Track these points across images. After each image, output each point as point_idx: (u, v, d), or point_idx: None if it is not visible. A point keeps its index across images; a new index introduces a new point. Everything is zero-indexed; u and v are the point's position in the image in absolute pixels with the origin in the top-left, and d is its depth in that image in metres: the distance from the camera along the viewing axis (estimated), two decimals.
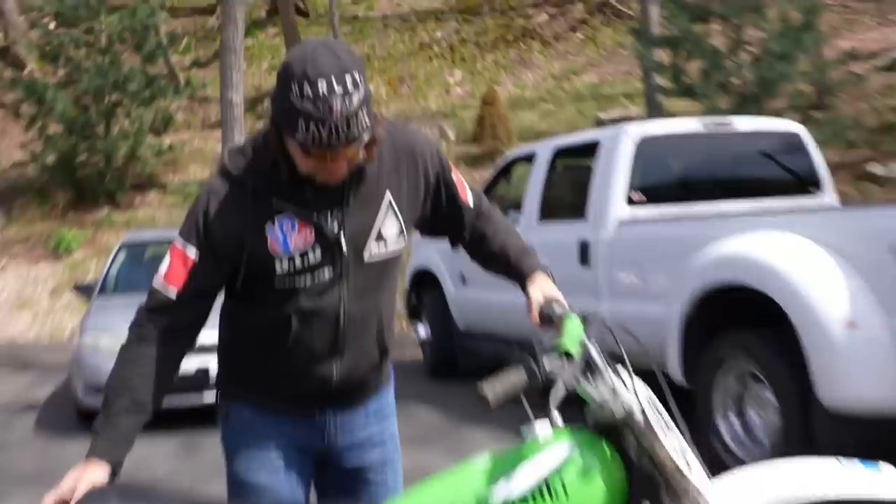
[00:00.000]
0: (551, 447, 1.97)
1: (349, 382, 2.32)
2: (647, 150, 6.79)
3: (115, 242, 9.58)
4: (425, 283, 9.11)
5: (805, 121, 10.68)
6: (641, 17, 14.83)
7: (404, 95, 18.77)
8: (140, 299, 7.32)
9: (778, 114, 10.33)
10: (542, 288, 2.30)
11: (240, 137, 16.00)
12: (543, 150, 7.80)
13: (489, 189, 8.43)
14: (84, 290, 8.93)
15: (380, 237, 2.25)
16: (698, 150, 7.27)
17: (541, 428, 1.99)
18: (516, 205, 7.94)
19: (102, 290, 8.62)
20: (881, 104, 13.32)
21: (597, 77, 18.73)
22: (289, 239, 2.14)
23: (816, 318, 4.75)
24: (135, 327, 2.15)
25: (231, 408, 2.35)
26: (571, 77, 18.72)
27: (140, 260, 9.30)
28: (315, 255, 2.16)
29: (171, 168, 17.24)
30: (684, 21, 12.11)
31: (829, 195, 7.33)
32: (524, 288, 2.34)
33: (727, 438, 5.38)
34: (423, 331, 9.14)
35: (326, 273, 2.19)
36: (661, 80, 13.25)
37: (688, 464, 1.97)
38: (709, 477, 2.01)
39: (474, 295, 8.20)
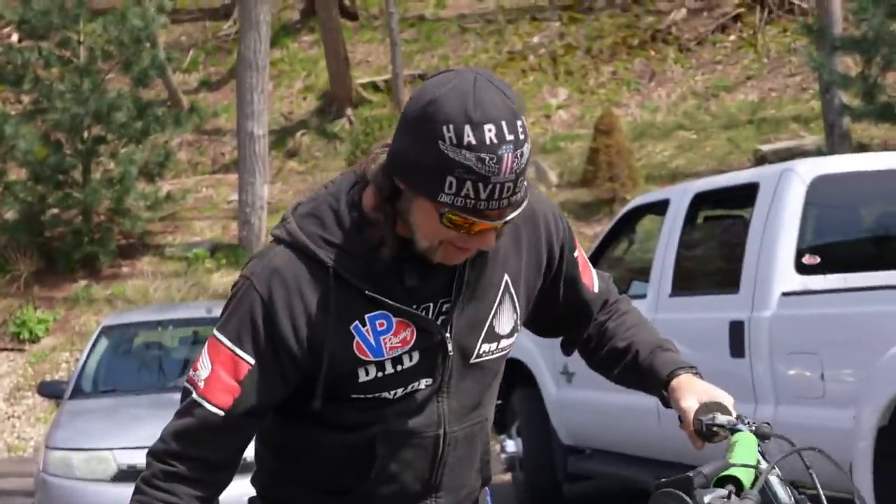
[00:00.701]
0: None
1: None
2: (825, 195, 6.85)
3: (95, 326, 9.73)
4: (516, 379, 9.02)
5: None
6: (819, 12, 14.92)
7: None
8: (124, 404, 7.55)
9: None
10: (697, 392, 2.26)
11: (263, 182, 16.38)
12: (680, 198, 7.82)
13: (601, 250, 8.49)
14: (52, 391, 9.13)
15: (492, 334, 2.25)
16: None
17: None
18: (642, 271, 8.00)
19: (77, 390, 8.72)
20: None
21: (757, 95, 18.83)
22: (382, 343, 2.11)
23: None
24: (161, 459, 2.09)
25: None
26: (721, 95, 18.79)
27: (128, 349, 9.48)
28: (411, 359, 2.14)
29: (169, 225, 17.52)
30: (880, 16, 12.10)
31: None
32: (667, 394, 2.32)
33: None
34: (512, 445, 9.14)
35: (424, 383, 2.18)
36: (846, 98, 13.30)
37: None
38: None
39: (584, 396, 8.19)
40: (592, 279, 2.45)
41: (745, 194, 7.14)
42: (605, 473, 8.25)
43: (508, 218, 1.96)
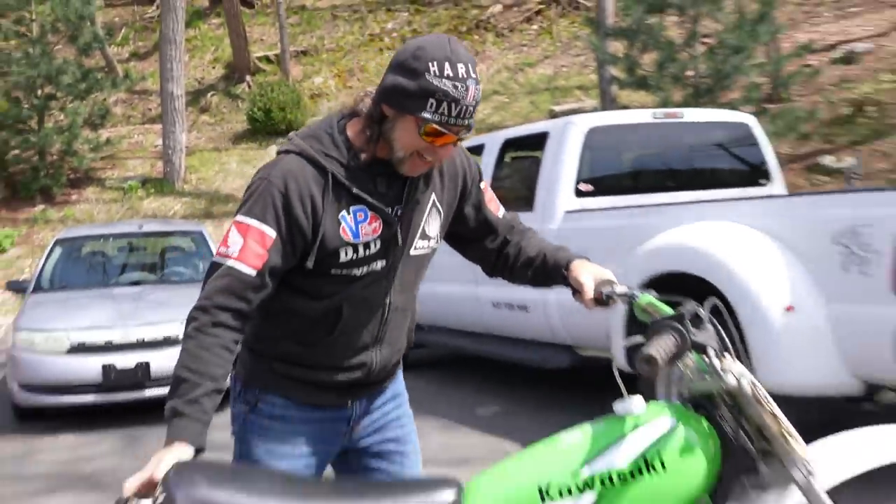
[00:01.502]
0: (652, 422, 2.05)
1: (384, 369, 2.46)
2: (595, 140, 6.96)
3: (51, 239, 9.51)
4: None
5: (758, 113, 11.02)
6: (597, 9, 15.07)
7: (354, 87, 18.91)
8: (74, 297, 7.60)
9: (732, 106, 10.60)
10: (590, 271, 2.40)
11: (181, 131, 16.19)
12: (492, 142, 7.88)
13: None
14: (18, 287, 8.97)
15: (424, 234, 2.38)
16: (648, 140, 7.45)
17: (635, 404, 2.07)
18: None
19: (37, 287, 8.59)
20: (836, 97, 13.74)
21: (552, 69, 18.96)
22: (360, 228, 2.24)
23: (756, 304, 4.99)
24: (208, 311, 2.14)
25: (260, 397, 2.38)
26: (526, 69, 19.00)
27: (76, 256, 9.29)
28: (375, 246, 2.27)
29: (108, 163, 17.15)
30: (639, 12, 12.36)
31: (778, 186, 7.55)
32: (567, 276, 2.42)
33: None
34: None
35: (380, 264, 2.30)
36: (615, 72, 13.54)
37: (790, 432, 2.02)
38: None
39: (423, 287, 8.22)
40: (498, 208, 2.57)
41: (540, 140, 7.25)
42: (437, 343, 8.34)
43: (462, 136, 2.15)
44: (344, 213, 2.23)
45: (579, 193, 6.81)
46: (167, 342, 7.41)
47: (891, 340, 4.71)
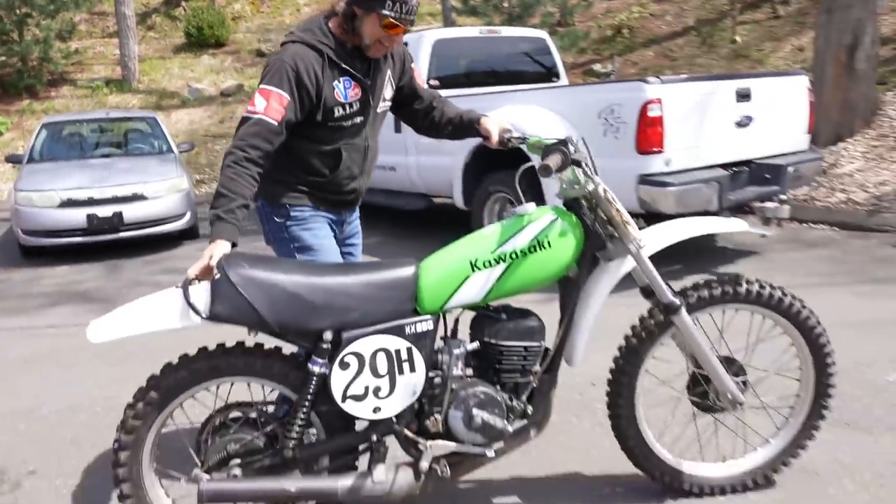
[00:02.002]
0: (541, 217, 2.17)
1: (362, 193, 2.63)
2: (440, 49, 6.91)
3: (38, 124, 8.96)
4: None
5: (551, 33, 11.06)
6: None
7: (265, 12, 17.85)
8: (60, 165, 7.40)
9: (534, 26, 10.65)
10: (495, 124, 2.59)
11: (134, 43, 15.11)
12: None
13: None
14: (15, 160, 8.43)
15: (384, 98, 2.53)
16: (476, 49, 7.40)
17: (530, 207, 2.20)
18: None
19: (30, 159, 8.07)
20: (603, 23, 13.87)
21: None
22: (347, 92, 2.38)
23: None
24: (243, 150, 2.21)
25: (291, 209, 2.48)
26: None
27: (59, 136, 8.68)
28: (356, 106, 2.42)
29: (78, 68, 15.82)
30: None
31: (564, 82, 7.68)
32: (479, 129, 2.60)
33: None
34: None
35: (359, 118, 2.44)
36: (454, 3, 13.18)
37: (628, 221, 2.22)
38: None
39: None
40: (423, 83, 2.69)
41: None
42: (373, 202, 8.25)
43: (408, 28, 2.29)
44: (336, 82, 2.35)
45: (430, 87, 6.67)
46: (135, 197, 7.23)
47: (634, 184, 5.01)
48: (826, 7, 8.14)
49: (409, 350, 2.09)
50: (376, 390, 2.08)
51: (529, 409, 2.23)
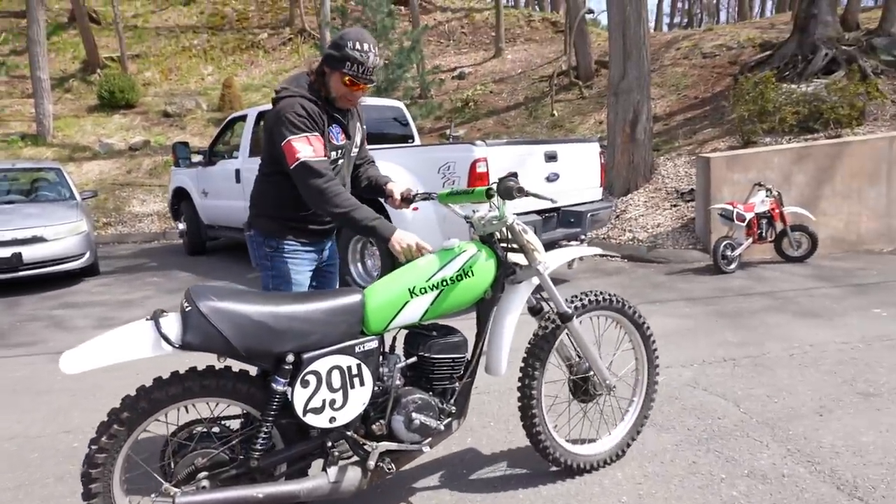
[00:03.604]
0: (466, 250, 2.19)
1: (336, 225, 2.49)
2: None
3: None
4: (182, 195, 8.42)
5: (410, 104, 11.09)
6: (320, 40, 14.41)
7: (173, 80, 16.91)
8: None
9: (398, 99, 10.65)
10: (396, 185, 2.54)
11: (49, 103, 13.79)
12: (252, 114, 7.29)
13: (218, 138, 7.82)
14: None
15: (356, 144, 2.47)
16: None
17: (454, 242, 2.19)
18: (236, 147, 7.55)
19: None
20: (454, 97, 14.13)
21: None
22: (338, 136, 2.31)
23: (400, 210, 5.11)
24: (328, 181, 2.18)
25: (279, 242, 2.39)
26: (282, 73, 17.80)
27: None
28: (342, 151, 2.36)
29: None
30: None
31: (417, 144, 7.64)
32: (385, 188, 2.54)
33: (354, 275, 5.70)
34: (181, 226, 8.47)
35: (342, 161, 2.37)
36: None
37: (537, 247, 2.30)
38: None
39: (212, 203, 7.68)
40: (366, 146, 2.61)
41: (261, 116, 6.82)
42: (224, 234, 7.74)
43: (368, 87, 2.26)
44: (330, 128, 2.28)
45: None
46: (35, 239, 6.44)
47: (465, 224, 4.97)
48: (613, 91, 8.62)
49: (359, 366, 2.02)
50: (332, 403, 1.99)
51: (453, 409, 2.22)
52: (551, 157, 5.52)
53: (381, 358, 2.12)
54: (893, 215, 7.09)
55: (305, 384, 1.94)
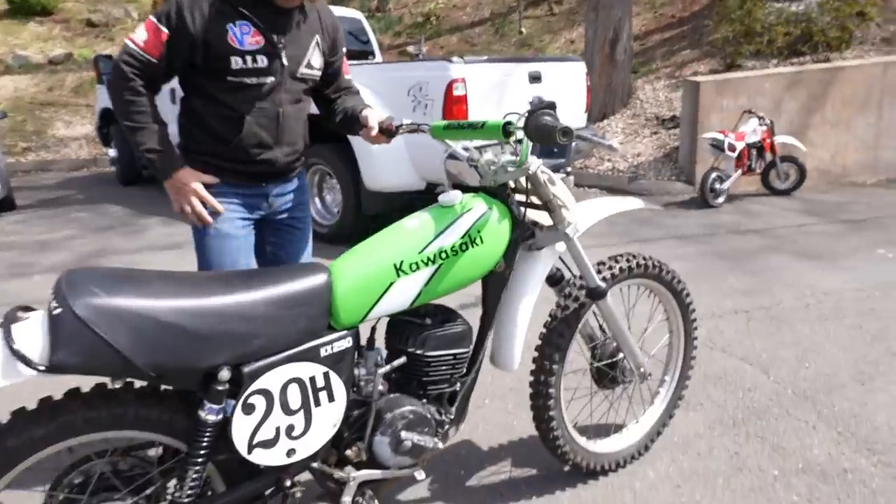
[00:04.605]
0: (472, 208, 1.59)
1: (286, 164, 1.90)
2: None
3: None
4: (111, 118, 7.32)
5: (368, 17, 10.03)
6: None
7: None
8: None
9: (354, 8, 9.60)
10: (375, 114, 1.89)
11: None
12: None
13: None
14: None
15: (309, 65, 1.86)
16: None
17: (455, 195, 1.60)
18: None
19: None
20: (414, 11, 13.00)
21: None
22: (245, 39, 1.71)
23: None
24: (126, 80, 1.66)
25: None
26: None
27: None
28: (262, 62, 1.74)
29: None
30: None
31: (379, 61, 6.84)
32: (359, 118, 1.90)
33: (314, 212, 5.04)
34: (112, 152, 7.44)
35: (269, 79, 1.77)
36: None
37: (567, 206, 1.75)
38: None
39: None
40: (348, 70, 2.04)
41: None
42: None
43: None
44: (230, 24, 1.70)
45: None
46: None
47: (441, 157, 4.35)
48: (593, 6, 7.86)
49: (326, 375, 1.42)
50: (289, 430, 1.39)
51: (452, 416, 1.69)
52: (536, 79, 4.85)
53: (356, 358, 1.54)
54: (881, 146, 6.75)
55: (249, 409, 1.34)
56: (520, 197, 1.73)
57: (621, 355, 1.98)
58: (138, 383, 1.44)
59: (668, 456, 2.16)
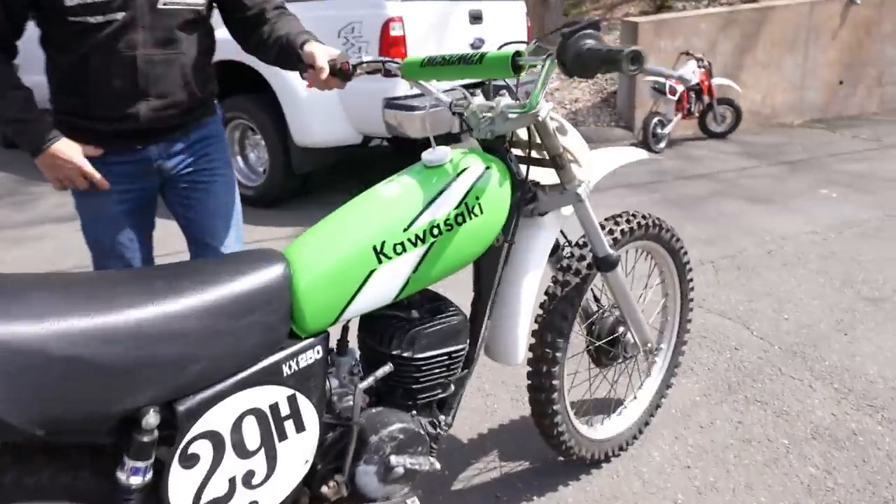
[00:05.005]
0: (468, 169, 1.26)
1: (158, 119, 1.47)
2: None
3: None
4: None
5: None
6: None
7: None
8: None
9: None
10: (320, 48, 1.46)
11: None
12: None
13: None
14: None
15: None
16: None
17: (443, 152, 1.27)
18: None
19: None
20: None
21: None
22: None
23: (288, 85, 3.91)
24: None
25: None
26: None
27: None
28: None
29: None
30: None
31: None
32: (301, 55, 1.45)
33: (237, 172, 4.49)
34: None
35: (120, 16, 1.35)
36: None
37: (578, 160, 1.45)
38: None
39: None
40: None
41: None
42: None
43: None
44: None
45: None
46: None
47: (379, 106, 3.92)
48: None
49: (293, 399, 1.07)
50: (248, 478, 1.03)
51: (447, 424, 1.37)
52: (476, 18, 4.45)
53: (329, 369, 1.20)
54: (807, 87, 6.83)
55: (191, 461, 0.97)
56: (517, 151, 1.42)
57: (622, 329, 1.73)
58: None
59: (670, 433, 1.96)
